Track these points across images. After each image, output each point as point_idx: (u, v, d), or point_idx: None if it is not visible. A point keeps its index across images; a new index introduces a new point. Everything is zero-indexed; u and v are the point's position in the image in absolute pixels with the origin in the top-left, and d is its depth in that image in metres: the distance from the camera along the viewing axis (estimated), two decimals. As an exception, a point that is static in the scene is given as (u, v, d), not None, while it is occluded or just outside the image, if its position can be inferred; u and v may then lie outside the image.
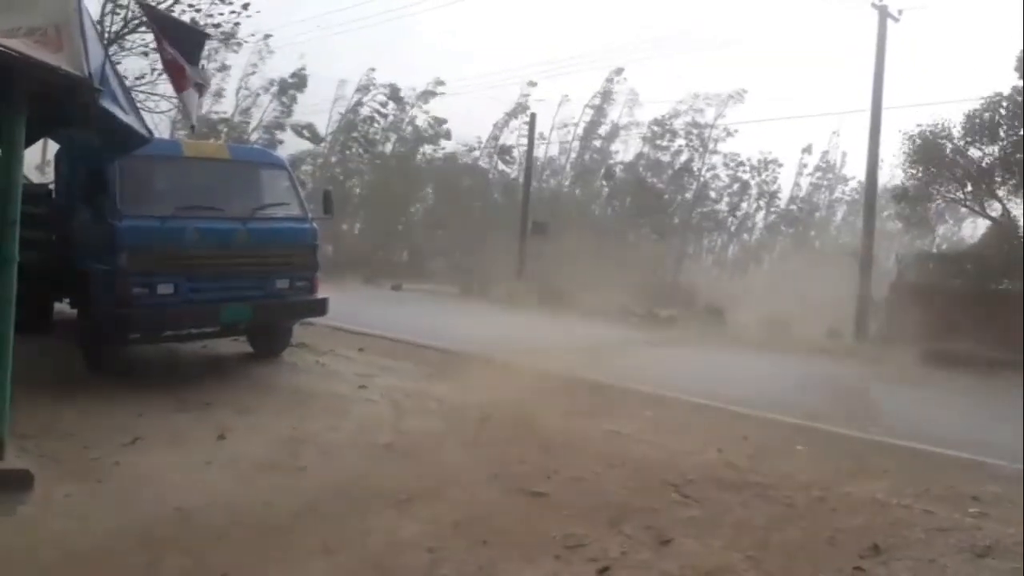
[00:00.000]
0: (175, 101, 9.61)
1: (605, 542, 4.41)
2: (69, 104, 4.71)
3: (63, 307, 9.27)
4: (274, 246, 8.43)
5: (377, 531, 4.42)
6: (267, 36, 31.40)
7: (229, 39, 16.76)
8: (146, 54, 12.43)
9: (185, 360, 9.18)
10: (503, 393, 8.19)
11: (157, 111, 13.29)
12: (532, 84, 34.56)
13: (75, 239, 8.44)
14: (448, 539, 4.34)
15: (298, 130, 35.33)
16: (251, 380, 8.30)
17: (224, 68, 31.43)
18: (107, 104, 4.90)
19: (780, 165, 37.81)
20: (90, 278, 7.82)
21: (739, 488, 5.47)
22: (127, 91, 5.72)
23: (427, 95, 36.10)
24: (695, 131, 35.29)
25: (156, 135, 9.57)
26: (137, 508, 4.58)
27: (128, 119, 5.31)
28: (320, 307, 8.84)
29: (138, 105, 12.24)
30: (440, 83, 35.79)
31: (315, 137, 35.86)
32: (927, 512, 5.10)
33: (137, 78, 12.99)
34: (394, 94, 36.03)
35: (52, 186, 9.68)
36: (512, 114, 35.55)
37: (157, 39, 9.63)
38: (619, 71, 35.41)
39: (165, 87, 11.93)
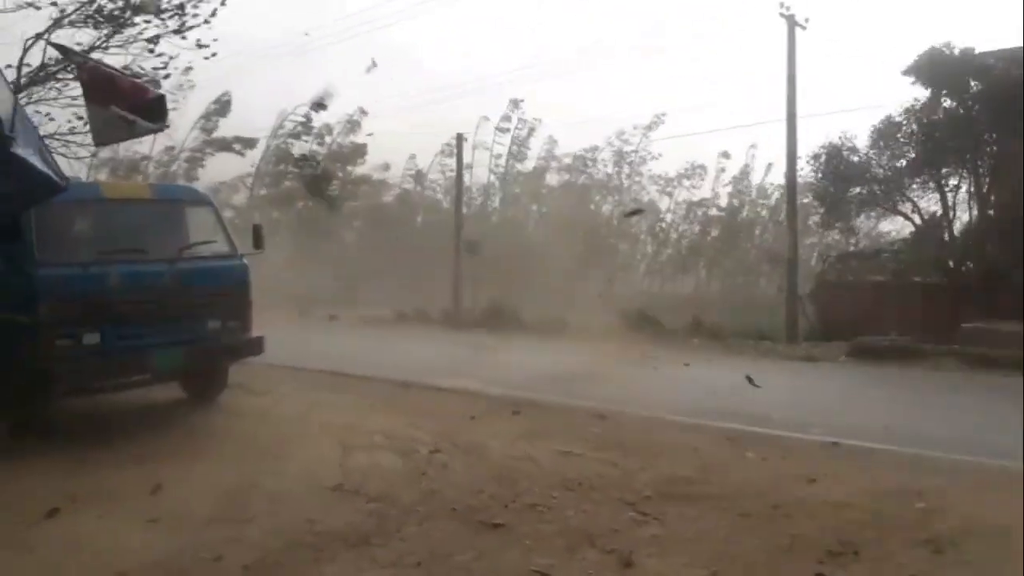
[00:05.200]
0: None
1: (569, 569, 4.36)
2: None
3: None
4: (203, 286, 8.11)
5: (335, 579, 4.27)
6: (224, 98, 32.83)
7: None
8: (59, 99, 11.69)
9: (116, 411, 8.75)
10: (451, 421, 8.09)
11: (76, 157, 12.68)
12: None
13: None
14: (410, 581, 4.23)
15: (227, 145, 34.87)
16: (188, 428, 7.96)
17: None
18: (19, 151, 4.64)
19: (705, 170, 39.40)
20: (9, 332, 7.41)
21: (694, 501, 5.50)
22: (40, 138, 5.44)
23: (353, 124, 36.13)
24: (623, 160, 37.08)
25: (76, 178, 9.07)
26: (74, 577, 4.32)
27: (42, 167, 5.04)
28: (256, 346, 8.55)
29: (61, 153, 11.63)
30: (363, 112, 36.23)
31: (248, 143, 35.32)
32: (878, 510, 5.21)
33: (70, 131, 12.17)
34: (323, 124, 36.06)
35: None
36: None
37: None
38: (517, 102, 37.56)
39: (85, 136, 11.37)
